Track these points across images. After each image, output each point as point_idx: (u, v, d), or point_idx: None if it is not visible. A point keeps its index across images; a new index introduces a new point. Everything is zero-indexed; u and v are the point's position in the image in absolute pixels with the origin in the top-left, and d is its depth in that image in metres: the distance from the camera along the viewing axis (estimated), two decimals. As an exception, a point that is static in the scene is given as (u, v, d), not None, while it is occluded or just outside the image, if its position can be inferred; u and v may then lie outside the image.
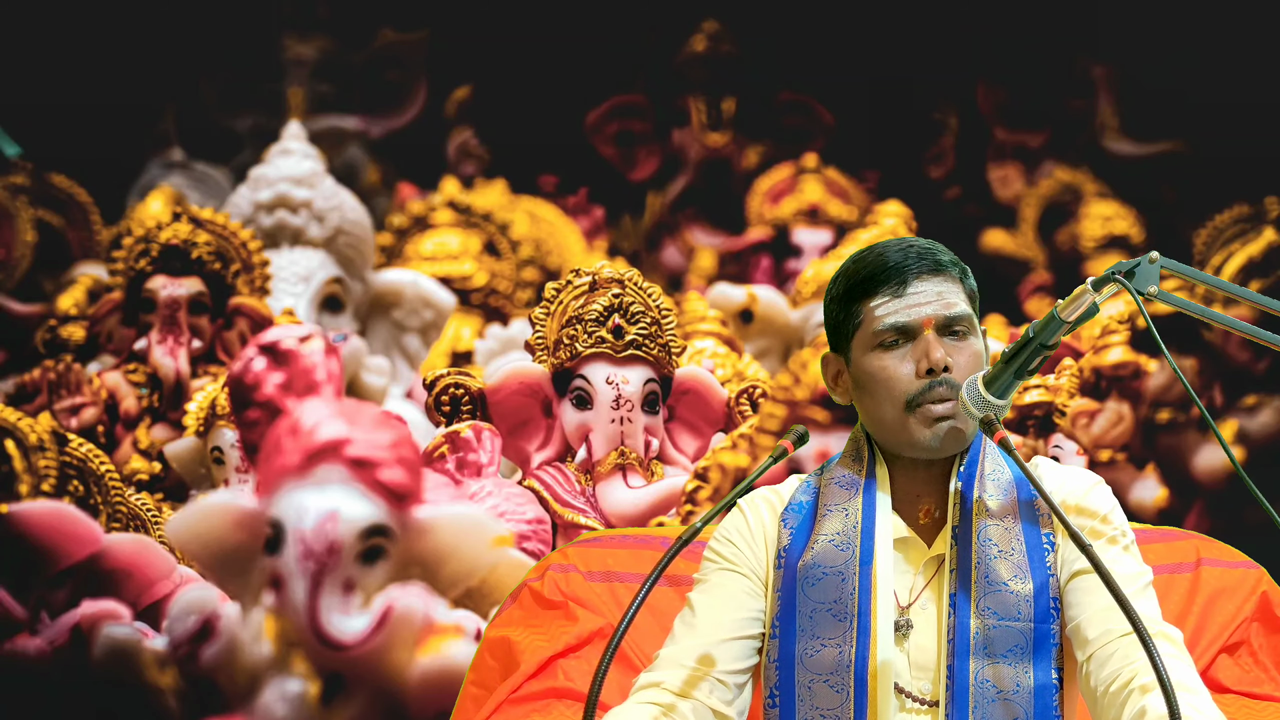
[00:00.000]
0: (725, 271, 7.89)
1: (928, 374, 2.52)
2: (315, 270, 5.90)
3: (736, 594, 2.59)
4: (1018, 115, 8.70)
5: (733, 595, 2.59)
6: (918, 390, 2.53)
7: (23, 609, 3.83)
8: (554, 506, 3.84)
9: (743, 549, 2.62)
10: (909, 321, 2.55)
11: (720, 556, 2.63)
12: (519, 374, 3.93)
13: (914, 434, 2.54)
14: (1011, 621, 2.49)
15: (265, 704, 3.38)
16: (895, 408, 2.54)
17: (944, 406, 2.52)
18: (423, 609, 3.36)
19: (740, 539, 2.63)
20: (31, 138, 6.55)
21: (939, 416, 2.52)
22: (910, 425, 2.54)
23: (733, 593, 2.59)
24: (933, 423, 2.53)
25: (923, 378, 2.53)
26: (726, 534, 2.64)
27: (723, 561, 2.62)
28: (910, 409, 2.53)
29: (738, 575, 2.61)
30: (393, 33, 8.61)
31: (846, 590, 2.53)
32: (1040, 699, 2.49)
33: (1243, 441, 5.55)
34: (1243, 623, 2.92)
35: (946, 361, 2.52)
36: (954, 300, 2.56)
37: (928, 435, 2.53)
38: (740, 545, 2.62)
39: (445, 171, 8.02)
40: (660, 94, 8.60)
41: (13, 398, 4.96)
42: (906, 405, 2.53)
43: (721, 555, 2.62)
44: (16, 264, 6.74)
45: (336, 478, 3.32)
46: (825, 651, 2.52)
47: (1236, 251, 6.00)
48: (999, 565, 2.51)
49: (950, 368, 2.52)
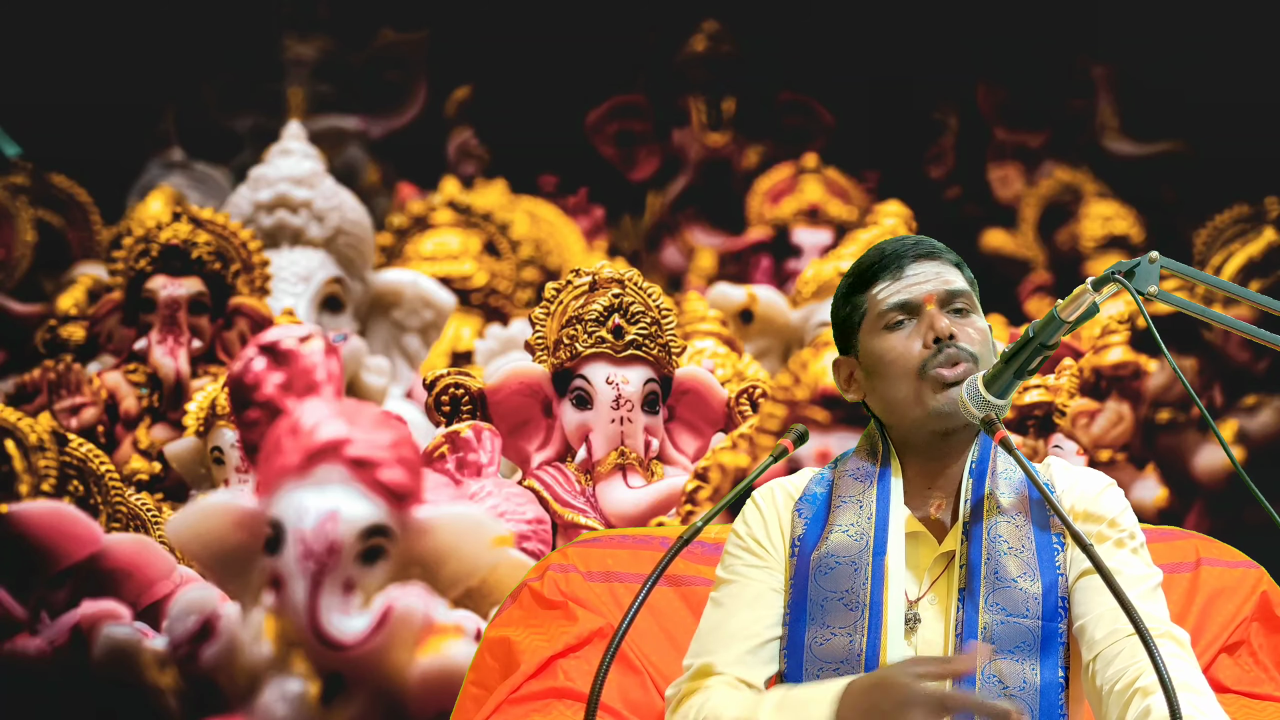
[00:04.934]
0: (725, 271, 7.90)
1: (935, 343, 2.54)
2: (315, 270, 5.90)
3: (765, 593, 2.59)
4: (1018, 115, 8.70)
5: (760, 595, 2.59)
6: (929, 357, 2.54)
7: (23, 609, 3.83)
8: (554, 506, 3.84)
9: (763, 539, 2.62)
10: (910, 298, 2.57)
11: (745, 551, 2.63)
12: (519, 374, 3.93)
13: (928, 401, 2.54)
14: (1019, 619, 2.50)
15: (265, 704, 3.38)
16: (908, 379, 2.55)
17: (956, 370, 2.53)
18: (423, 609, 3.36)
19: (760, 530, 2.63)
20: (31, 138, 6.56)
21: (952, 380, 2.53)
22: (924, 393, 2.54)
23: (760, 592, 2.60)
24: (946, 386, 2.53)
25: (931, 347, 2.54)
26: (746, 528, 2.64)
27: (746, 556, 2.63)
28: (923, 376, 2.54)
29: (762, 570, 2.61)
30: (393, 33, 8.62)
31: (859, 580, 2.53)
32: (1046, 696, 2.49)
33: (1243, 441, 5.56)
34: (1243, 622, 2.92)
35: (952, 330, 2.54)
36: (952, 278, 2.59)
37: (942, 400, 2.54)
38: (760, 536, 2.63)
39: (445, 171, 8.03)
40: (660, 94, 8.60)
41: (13, 398, 4.96)
42: (919, 373, 2.54)
43: (746, 550, 2.63)
44: (16, 264, 6.74)
45: (336, 478, 3.32)
46: (835, 640, 2.52)
47: (1236, 251, 6.00)
48: (1008, 562, 2.52)
49: (956, 335, 2.54)
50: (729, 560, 2.64)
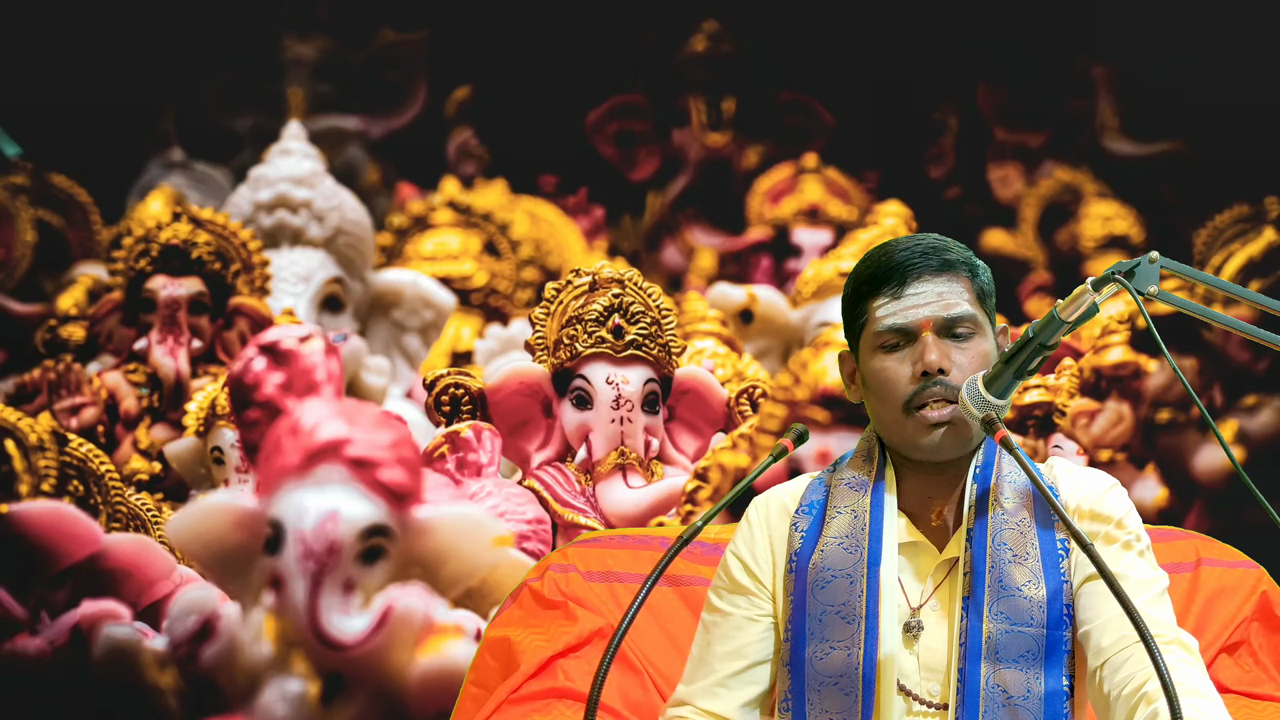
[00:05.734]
0: (725, 271, 7.89)
1: (923, 376, 2.52)
2: (315, 270, 5.90)
3: (741, 622, 2.60)
4: (1018, 115, 8.69)
5: (738, 625, 2.60)
6: (914, 392, 2.52)
7: (23, 609, 3.83)
8: (554, 506, 3.84)
9: (750, 564, 2.62)
10: (907, 324, 2.54)
11: (729, 577, 2.64)
12: (519, 374, 3.93)
13: (912, 438, 2.53)
14: (1024, 627, 2.48)
15: (265, 704, 3.38)
16: (895, 410, 2.54)
17: (940, 412, 2.51)
18: (423, 609, 3.36)
19: (748, 553, 2.63)
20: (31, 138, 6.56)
21: (935, 422, 2.51)
22: (908, 429, 2.53)
23: (738, 621, 2.60)
24: (930, 428, 2.52)
25: (919, 380, 2.52)
26: (735, 550, 2.64)
27: (729, 581, 2.63)
28: (908, 412, 2.53)
29: (743, 597, 2.61)
30: (393, 33, 8.61)
31: (855, 593, 2.52)
32: (1050, 705, 2.48)
33: (1243, 441, 5.55)
34: (1243, 622, 2.92)
35: (943, 364, 2.51)
36: (955, 301, 2.54)
37: (924, 440, 2.53)
38: (748, 561, 2.62)
39: (445, 171, 8.02)
40: (660, 94, 8.60)
41: (13, 398, 4.96)
42: (904, 408, 2.53)
43: (730, 576, 2.63)
44: (16, 264, 6.74)
45: (336, 478, 3.32)
46: (835, 654, 2.51)
47: (1236, 251, 6.00)
48: (1013, 570, 2.50)
49: (947, 370, 2.51)
50: (717, 583, 2.65)
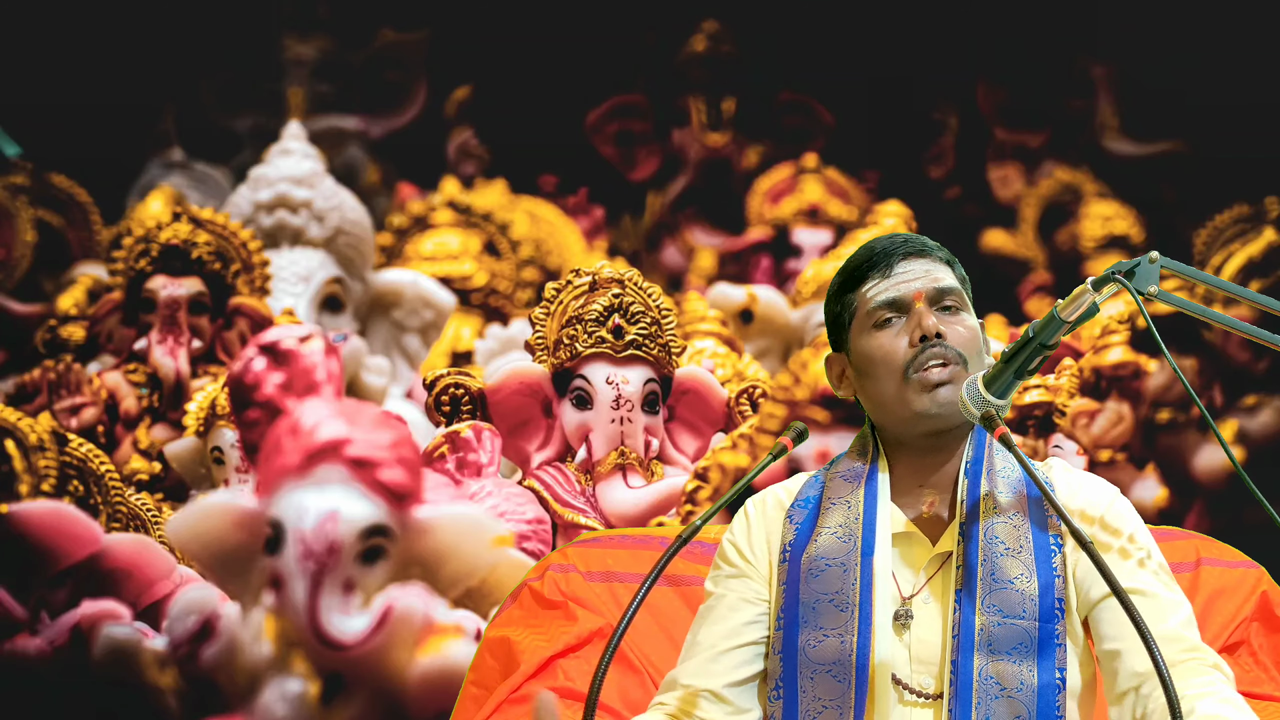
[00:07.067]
0: (725, 271, 7.90)
1: (921, 341, 2.54)
2: (315, 270, 5.90)
3: (736, 603, 2.62)
4: (1018, 115, 8.70)
5: (732, 605, 2.62)
6: (913, 357, 2.54)
7: (23, 609, 3.83)
8: (554, 506, 3.84)
9: (745, 551, 2.64)
10: (899, 296, 2.58)
11: (725, 563, 2.66)
12: (519, 374, 3.93)
13: (913, 402, 2.54)
14: (1016, 620, 2.49)
15: (265, 704, 3.38)
16: (894, 379, 2.56)
17: (941, 371, 2.53)
18: (423, 609, 3.36)
19: (743, 540, 2.65)
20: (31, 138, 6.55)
21: (937, 382, 2.53)
22: (908, 394, 2.55)
23: (732, 602, 2.62)
24: (931, 388, 2.53)
25: (917, 345, 2.54)
26: (731, 538, 2.67)
27: (726, 568, 2.65)
28: (907, 376, 2.54)
29: (738, 580, 2.63)
30: (393, 33, 8.61)
31: (848, 581, 2.53)
32: (1044, 698, 2.49)
33: (1243, 441, 5.56)
34: (1243, 622, 2.92)
35: (939, 328, 2.54)
36: (942, 275, 2.59)
37: (926, 401, 2.54)
38: (743, 547, 2.64)
39: (445, 171, 8.03)
40: (660, 94, 8.60)
41: (13, 398, 4.96)
42: (904, 374, 2.55)
43: (726, 561, 2.65)
44: (16, 264, 6.74)
45: (336, 478, 3.32)
46: (828, 642, 2.52)
47: (1236, 251, 6.00)
48: (1006, 563, 2.51)
49: (944, 334, 2.54)
50: (712, 573, 2.67)
